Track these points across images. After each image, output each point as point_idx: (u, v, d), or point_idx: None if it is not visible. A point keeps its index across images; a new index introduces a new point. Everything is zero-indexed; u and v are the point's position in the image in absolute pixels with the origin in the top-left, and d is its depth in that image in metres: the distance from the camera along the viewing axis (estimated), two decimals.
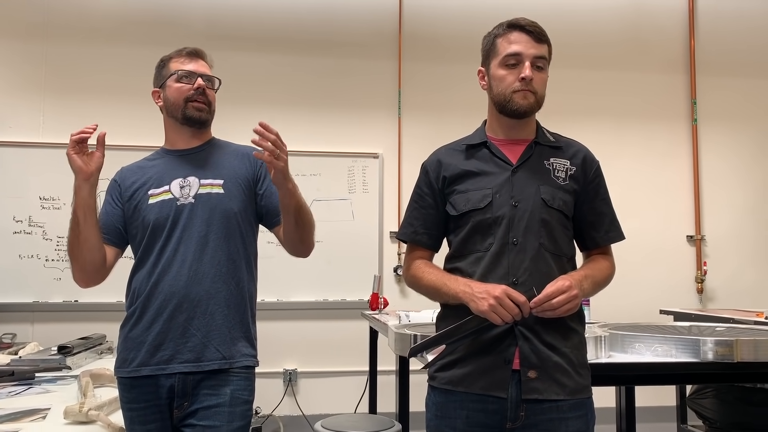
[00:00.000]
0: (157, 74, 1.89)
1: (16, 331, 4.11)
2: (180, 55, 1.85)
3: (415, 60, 4.82)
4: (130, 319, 1.78)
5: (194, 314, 1.72)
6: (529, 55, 1.59)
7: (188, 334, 1.72)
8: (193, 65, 1.84)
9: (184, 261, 1.74)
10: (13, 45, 4.42)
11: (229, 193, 1.81)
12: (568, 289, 1.47)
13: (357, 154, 4.68)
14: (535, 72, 1.59)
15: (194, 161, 1.85)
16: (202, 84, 1.81)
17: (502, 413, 1.52)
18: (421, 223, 1.72)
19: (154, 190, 1.81)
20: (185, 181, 1.81)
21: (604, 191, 1.70)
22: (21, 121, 4.38)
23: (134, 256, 1.83)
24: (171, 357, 1.71)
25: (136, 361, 1.73)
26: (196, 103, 1.82)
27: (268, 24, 4.70)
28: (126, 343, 1.77)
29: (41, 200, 4.30)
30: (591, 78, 4.99)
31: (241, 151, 1.91)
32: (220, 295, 1.75)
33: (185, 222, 1.76)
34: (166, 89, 1.84)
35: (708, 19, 5.13)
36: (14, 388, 2.55)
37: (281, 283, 4.44)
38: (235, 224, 1.79)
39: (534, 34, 1.60)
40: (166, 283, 1.73)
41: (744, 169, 5.08)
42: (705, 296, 4.95)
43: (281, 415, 4.48)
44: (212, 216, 1.77)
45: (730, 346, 1.98)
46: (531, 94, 1.59)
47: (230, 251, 1.78)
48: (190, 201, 1.78)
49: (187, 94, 1.81)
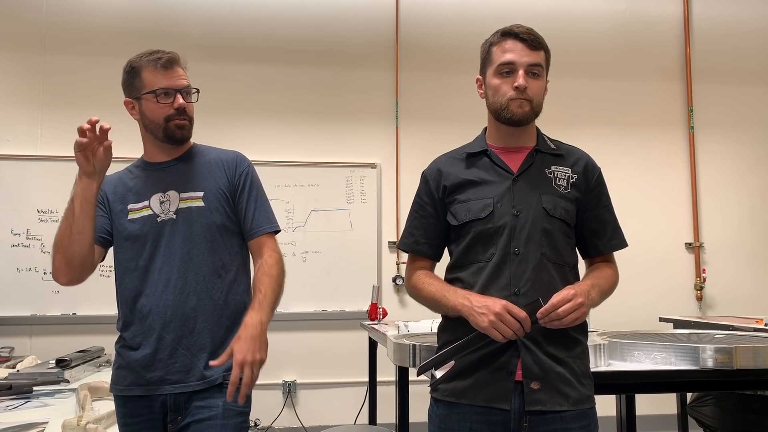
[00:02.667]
0: (128, 82, 1.77)
1: (14, 345, 4.10)
2: (154, 67, 1.73)
3: (412, 70, 4.84)
4: (121, 337, 1.76)
5: (182, 333, 1.69)
6: (523, 63, 1.58)
7: (177, 354, 1.69)
8: (170, 79, 1.73)
9: (169, 279, 1.70)
10: (11, 58, 4.44)
11: (209, 205, 1.75)
12: (573, 297, 1.46)
13: (355, 164, 4.69)
14: (531, 79, 1.58)
15: (173, 174, 1.79)
16: (182, 104, 1.73)
17: (505, 425, 1.52)
18: (421, 233, 1.71)
19: (133, 206, 1.76)
20: (165, 195, 1.76)
21: (606, 198, 1.69)
22: (19, 134, 4.39)
23: (116, 273, 1.78)
24: (161, 378, 1.68)
25: (127, 380, 1.72)
26: (176, 122, 1.74)
27: (266, 35, 4.72)
28: (118, 361, 1.76)
29: (39, 213, 4.30)
30: (587, 87, 5.01)
31: (222, 157, 1.83)
32: (207, 311, 1.71)
33: (167, 239, 1.72)
34: (142, 104, 1.75)
35: (703, 27, 5.16)
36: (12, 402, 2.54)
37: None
38: (218, 237, 1.75)
39: (528, 42, 1.59)
40: (152, 303, 1.70)
41: (741, 175, 5.10)
42: (704, 303, 4.95)
43: (280, 427, 4.46)
44: (194, 231, 1.72)
45: (730, 353, 1.98)
46: (527, 103, 1.58)
47: (215, 265, 1.74)
48: (171, 216, 1.73)
49: (167, 114, 1.73)
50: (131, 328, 1.73)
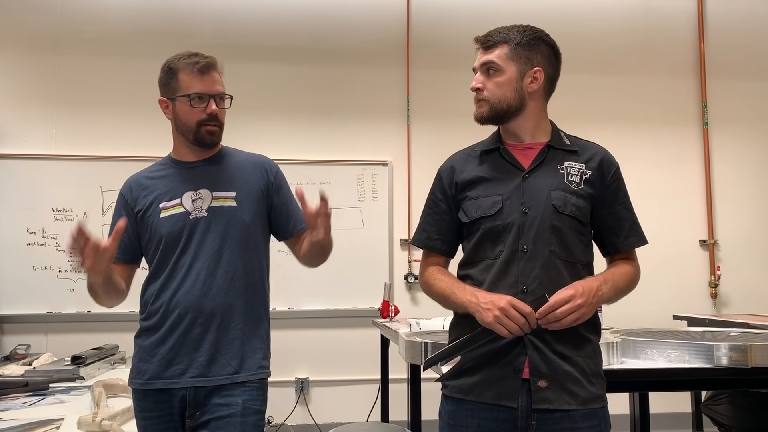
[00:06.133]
0: (165, 82, 1.82)
1: (30, 342, 4.14)
2: (192, 71, 1.77)
3: (423, 67, 4.83)
4: (144, 331, 1.79)
5: (208, 329, 1.72)
6: (477, 67, 1.67)
7: (202, 349, 1.72)
8: (206, 84, 1.77)
9: (199, 275, 1.74)
10: (26, 58, 4.48)
11: (241, 205, 1.80)
12: (571, 298, 1.44)
13: (366, 162, 4.69)
14: (487, 78, 1.64)
15: (205, 173, 1.83)
16: (215, 110, 1.77)
17: (512, 422, 1.51)
18: (435, 229, 1.71)
19: (165, 204, 1.79)
20: (197, 193, 1.79)
21: (624, 195, 1.66)
22: (34, 134, 4.43)
23: (148, 268, 1.83)
24: (183, 371, 1.71)
25: (148, 373, 1.74)
26: (208, 127, 1.78)
27: (277, 34, 4.73)
28: (140, 354, 1.78)
29: (54, 212, 4.34)
30: (600, 83, 4.98)
31: (252, 160, 1.89)
32: (234, 309, 1.75)
33: (200, 236, 1.75)
34: (176, 105, 1.79)
35: (717, 22, 5.11)
36: (28, 399, 2.57)
37: (292, 292, 4.45)
38: (249, 236, 1.79)
39: (481, 42, 1.67)
40: (181, 298, 1.73)
41: (756, 172, 5.05)
42: (719, 301, 4.91)
43: (293, 424, 4.47)
44: (226, 229, 1.76)
45: (744, 351, 1.96)
46: (483, 102, 1.66)
47: (245, 264, 1.78)
48: (203, 214, 1.77)
49: (199, 118, 1.77)
50: (156, 322, 1.75)
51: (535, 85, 1.62)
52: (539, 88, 1.63)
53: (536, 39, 1.64)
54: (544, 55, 1.64)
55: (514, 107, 1.62)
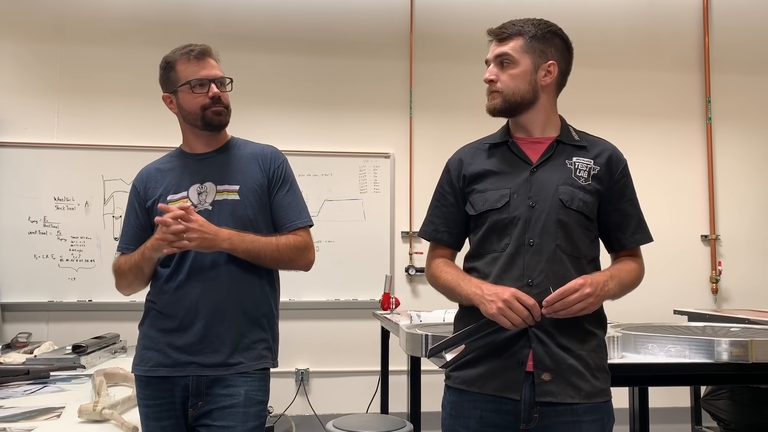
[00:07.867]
0: (164, 77, 1.85)
1: (31, 331, 4.15)
2: (187, 60, 1.80)
3: (426, 60, 4.82)
4: (148, 319, 1.80)
5: (212, 321, 1.73)
6: (490, 59, 1.64)
7: (206, 340, 1.73)
8: (204, 70, 1.80)
9: (202, 268, 1.75)
10: (28, 46, 4.47)
11: (244, 198, 1.81)
12: (581, 287, 1.45)
13: (368, 154, 4.68)
14: (501, 70, 1.62)
15: (211, 166, 1.84)
16: (216, 92, 1.80)
17: (515, 414, 1.51)
18: (442, 222, 1.72)
19: (172, 196, 1.81)
20: (202, 186, 1.81)
21: (630, 192, 1.67)
22: (35, 122, 4.42)
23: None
24: (187, 360, 1.72)
25: (152, 361, 1.75)
26: (213, 108, 1.80)
27: (280, 25, 4.71)
28: (144, 342, 1.79)
29: (56, 201, 4.34)
30: (604, 76, 4.95)
31: (258, 152, 1.89)
32: (238, 301, 1.76)
33: None
34: (179, 97, 1.82)
35: (722, 17, 5.08)
36: (29, 387, 2.58)
37: (293, 283, 4.44)
38: (251, 230, 1.79)
39: (495, 35, 1.64)
40: (185, 290, 1.74)
41: (759, 167, 5.03)
42: (720, 296, 4.90)
43: (293, 414, 4.49)
44: (228, 223, 1.77)
45: (745, 346, 1.96)
46: (497, 94, 1.63)
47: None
48: (207, 207, 1.78)
49: (203, 103, 1.79)
50: (161, 312, 1.77)
51: (548, 78, 1.63)
52: (552, 81, 1.63)
53: (551, 32, 1.64)
54: (558, 48, 1.64)
55: (527, 100, 1.62)
